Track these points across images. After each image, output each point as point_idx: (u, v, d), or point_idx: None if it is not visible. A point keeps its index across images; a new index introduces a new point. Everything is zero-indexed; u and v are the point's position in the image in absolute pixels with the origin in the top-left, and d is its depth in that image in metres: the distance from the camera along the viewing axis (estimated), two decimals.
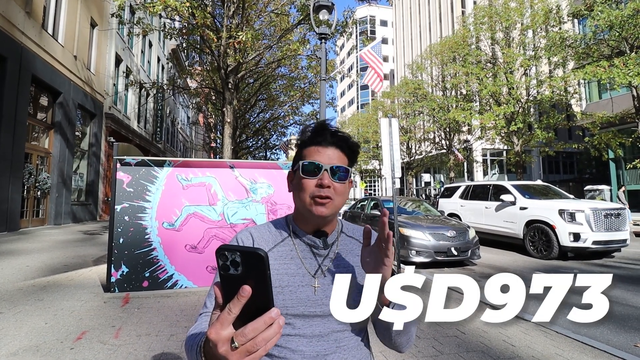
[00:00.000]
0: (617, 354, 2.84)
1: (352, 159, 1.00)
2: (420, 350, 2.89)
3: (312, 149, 0.96)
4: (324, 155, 0.95)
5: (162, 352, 2.80)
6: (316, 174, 0.93)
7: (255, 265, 0.52)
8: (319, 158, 0.94)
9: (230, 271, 0.52)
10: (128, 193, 4.43)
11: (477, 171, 30.46)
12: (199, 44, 12.11)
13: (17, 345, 2.88)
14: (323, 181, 0.91)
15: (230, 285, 0.53)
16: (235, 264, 0.52)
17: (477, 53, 21.63)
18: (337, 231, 1.02)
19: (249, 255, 0.52)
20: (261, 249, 0.52)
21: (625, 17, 13.72)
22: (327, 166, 0.93)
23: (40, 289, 4.51)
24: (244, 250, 0.52)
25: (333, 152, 0.96)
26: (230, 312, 0.52)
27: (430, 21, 42.59)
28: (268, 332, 0.53)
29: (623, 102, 16.81)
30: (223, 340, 0.53)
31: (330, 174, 0.93)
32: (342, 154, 0.97)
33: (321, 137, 0.96)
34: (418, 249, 6.67)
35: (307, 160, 0.95)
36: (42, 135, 11.67)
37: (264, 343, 0.53)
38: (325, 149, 0.96)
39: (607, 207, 7.43)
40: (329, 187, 0.92)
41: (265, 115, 22.31)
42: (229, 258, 0.52)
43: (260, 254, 0.51)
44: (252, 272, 0.52)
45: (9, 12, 9.20)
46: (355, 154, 1.01)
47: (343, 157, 0.97)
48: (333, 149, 0.96)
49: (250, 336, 0.52)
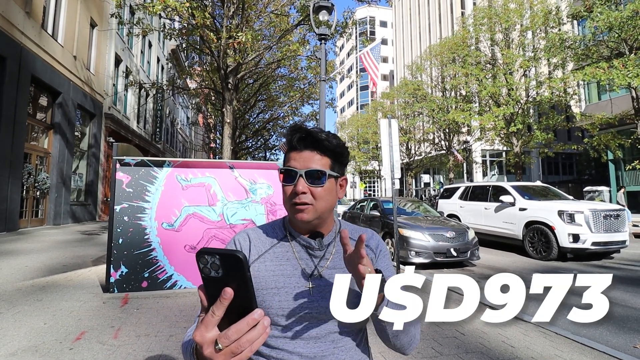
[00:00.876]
0: (616, 355, 2.84)
1: (336, 157, 0.96)
2: (420, 351, 2.89)
3: (290, 155, 0.95)
4: (299, 160, 0.93)
5: (161, 352, 2.80)
6: (293, 179, 0.91)
7: (234, 267, 0.52)
8: (294, 163, 0.92)
9: (211, 274, 0.53)
10: (127, 193, 4.43)
11: (477, 172, 30.48)
12: (198, 44, 12.12)
13: (16, 345, 2.87)
14: (297, 188, 0.90)
15: (213, 287, 0.54)
16: (215, 267, 0.53)
17: (476, 54, 21.66)
18: (334, 232, 1.01)
19: (228, 258, 0.52)
20: (239, 251, 0.52)
21: (624, 19, 13.74)
22: (302, 171, 0.91)
23: (39, 289, 4.50)
24: (222, 253, 0.52)
25: (309, 155, 0.93)
26: (213, 315, 0.53)
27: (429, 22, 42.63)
28: (252, 333, 0.54)
29: (622, 104, 16.83)
30: (207, 342, 0.54)
31: (305, 178, 0.90)
32: (321, 155, 0.94)
33: (295, 141, 0.94)
34: (417, 250, 6.67)
35: (283, 167, 0.94)
36: (41, 135, 11.65)
37: (249, 344, 0.53)
38: (301, 153, 0.93)
39: (606, 209, 7.43)
40: (304, 193, 0.90)
41: (265, 115, 22.34)
42: (208, 261, 0.53)
43: (238, 256, 0.52)
44: (232, 274, 0.52)
45: (9, 12, 9.19)
46: (338, 152, 0.96)
47: (322, 159, 0.93)
48: (308, 151, 0.93)
49: (234, 338, 0.53)
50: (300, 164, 0.92)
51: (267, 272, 0.92)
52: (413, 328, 0.92)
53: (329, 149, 0.94)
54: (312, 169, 0.91)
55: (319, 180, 0.91)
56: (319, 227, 0.97)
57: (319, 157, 0.93)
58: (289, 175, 0.92)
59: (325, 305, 0.91)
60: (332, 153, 0.95)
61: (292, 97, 18.10)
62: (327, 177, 0.92)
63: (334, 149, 0.95)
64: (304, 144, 0.93)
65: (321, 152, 0.94)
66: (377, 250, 1.02)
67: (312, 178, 0.91)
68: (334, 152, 0.95)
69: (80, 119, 14.12)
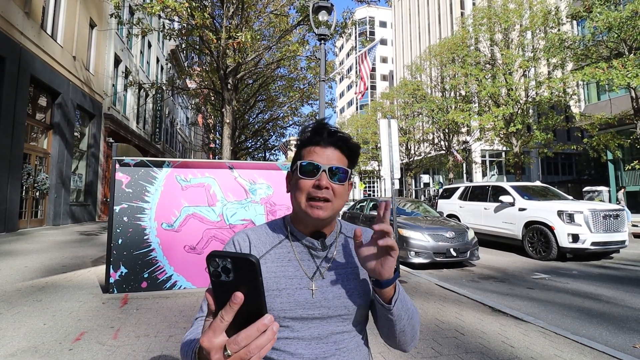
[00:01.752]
0: (616, 355, 2.84)
1: (352, 160, 0.98)
2: (420, 351, 2.89)
3: (311, 149, 0.94)
4: (322, 156, 0.92)
5: (161, 353, 2.79)
6: (314, 174, 0.91)
7: (246, 271, 0.51)
8: (317, 158, 0.92)
9: (222, 278, 0.52)
10: (127, 194, 4.42)
11: (476, 172, 30.51)
12: (198, 44, 12.11)
13: (15, 346, 2.87)
14: (321, 182, 0.89)
15: (222, 291, 0.52)
16: (227, 271, 0.51)
17: (476, 54, 21.68)
18: (335, 232, 1.01)
19: (240, 262, 0.51)
20: (252, 255, 0.51)
21: (623, 19, 13.77)
22: (326, 167, 0.91)
23: (38, 289, 4.49)
24: (235, 257, 0.51)
25: (332, 153, 0.93)
26: (222, 320, 0.52)
27: (429, 22, 42.66)
28: (261, 339, 0.52)
29: (622, 104, 16.87)
30: (216, 348, 0.53)
31: (328, 175, 0.91)
32: (342, 154, 0.95)
33: (320, 137, 0.94)
34: (417, 250, 6.68)
35: (305, 161, 0.93)
36: (40, 135, 11.65)
37: (258, 350, 0.52)
38: (324, 149, 0.93)
39: (605, 209, 7.44)
40: (327, 189, 0.90)
41: (265, 116, 22.33)
42: (219, 264, 0.51)
43: (252, 260, 0.50)
44: (243, 278, 0.51)
45: (8, 12, 9.19)
46: (355, 155, 0.98)
47: (342, 158, 0.95)
48: (332, 149, 0.94)
49: (243, 344, 0.52)
50: (324, 160, 0.92)
51: (269, 274, 0.92)
52: (417, 323, 0.93)
53: (351, 150, 0.96)
54: (337, 166, 0.92)
55: (341, 179, 0.92)
56: (323, 227, 0.97)
57: (341, 156, 0.95)
58: (308, 170, 0.91)
59: (328, 306, 0.91)
60: (351, 154, 0.97)
61: (292, 98, 18.11)
62: (348, 176, 0.94)
63: (355, 150, 0.97)
64: (331, 140, 0.94)
65: (342, 151, 0.95)
66: None
67: (334, 175, 0.91)
68: (353, 154, 0.98)
69: (80, 119, 14.12)
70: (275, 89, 19.16)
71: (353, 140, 0.98)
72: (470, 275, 6.23)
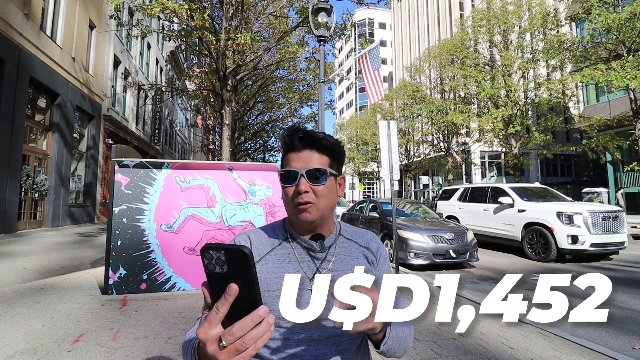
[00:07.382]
0: (615, 357, 2.84)
1: (333, 156, 0.97)
2: (419, 352, 2.88)
3: (289, 156, 0.95)
4: (299, 161, 0.93)
5: (160, 354, 2.79)
6: (294, 180, 0.91)
7: (240, 263, 0.51)
8: (294, 164, 0.93)
9: (216, 270, 0.52)
10: (126, 195, 4.42)
11: (475, 173, 30.53)
12: (197, 46, 12.11)
13: (14, 348, 2.86)
14: (299, 187, 0.90)
15: (217, 284, 0.53)
16: (220, 262, 0.52)
17: (475, 56, 21.72)
18: (334, 233, 1.01)
19: (233, 253, 0.51)
20: (245, 246, 0.52)
21: (622, 21, 13.81)
22: (303, 171, 0.91)
23: (37, 291, 4.48)
24: (228, 248, 0.51)
25: (308, 155, 0.93)
26: (218, 312, 0.52)
27: (428, 24, 42.77)
28: (257, 330, 0.53)
29: (620, 105, 16.89)
30: (211, 339, 0.53)
31: (307, 178, 0.91)
32: (320, 153, 0.94)
33: (293, 142, 0.95)
34: (416, 252, 6.67)
35: (283, 169, 0.94)
36: (39, 136, 11.63)
37: (253, 341, 0.53)
38: (299, 154, 0.94)
39: (604, 210, 7.45)
40: (307, 192, 0.90)
41: (264, 117, 22.33)
42: (213, 257, 0.52)
43: (245, 251, 0.51)
44: (237, 270, 0.52)
45: (7, 13, 9.18)
46: (336, 152, 0.98)
47: (321, 157, 0.94)
48: (307, 151, 0.94)
49: (238, 335, 0.52)
50: (301, 164, 0.92)
51: (269, 275, 0.92)
52: (410, 342, 0.91)
53: (327, 148, 0.95)
54: (313, 167, 0.92)
55: (320, 179, 0.92)
56: (320, 228, 0.97)
57: (318, 156, 0.94)
58: (289, 177, 0.93)
59: (328, 307, 0.91)
60: (330, 152, 0.96)
61: (291, 99, 18.10)
62: (328, 175, 0.93)
63: (332, 148, 0.96)
64: (303, 144, 0.94)
65: (319, 151, 0.95)
66: (378, 254, 1.03)
67: (313, 177, 0.91)
68: (331, 151, 0.96)
69: (79, 121, 14.11)
70: (275, 90, 19.16)
71: (329, 137, 0.97)
72: (469, 276, 6.23)
